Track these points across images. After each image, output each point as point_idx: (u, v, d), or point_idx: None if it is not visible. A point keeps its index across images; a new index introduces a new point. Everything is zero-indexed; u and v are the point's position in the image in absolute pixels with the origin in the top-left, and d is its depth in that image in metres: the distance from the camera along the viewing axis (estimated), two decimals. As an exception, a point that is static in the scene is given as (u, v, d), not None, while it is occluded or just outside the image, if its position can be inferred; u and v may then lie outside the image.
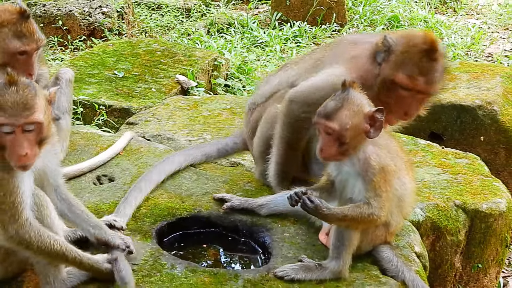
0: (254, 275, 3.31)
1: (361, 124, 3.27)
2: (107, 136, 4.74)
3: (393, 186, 3.33)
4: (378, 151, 3.32)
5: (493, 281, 4.82)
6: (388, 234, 3.47)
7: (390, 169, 3.32)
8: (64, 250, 3.07)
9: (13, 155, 2.92)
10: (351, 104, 3.27)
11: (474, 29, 11.51)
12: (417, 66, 3.73)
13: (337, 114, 3.24)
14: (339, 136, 3.24)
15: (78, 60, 7.94)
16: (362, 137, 3.29)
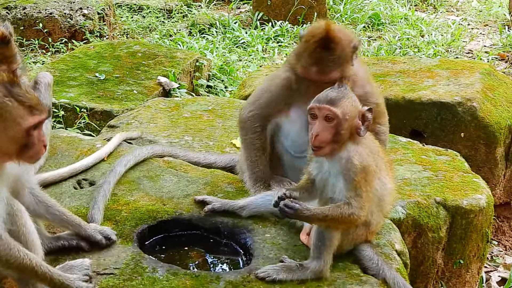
0: (236, 276, 3.31)
1: (355, 119, 3.31)
2: (88, 139, 4.72)
3: (373, 186, 3.35)
4: (361, 150, 3.34)
5: (475, 276, 4.86)
6: (368, 233, 3.49)
7: (372, 169, 3.34)
8: (34, 265, 3.04)
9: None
10: (350, 98, 3.32)
11: (454, 26, 11.58)
12: (310, 56, 3.82)
13: (340, 102, 3.27)
14: (339, 123, 3.26)
15: (59, 63, 7.91)
16: (352, 133, 3.32)
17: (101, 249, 3.48)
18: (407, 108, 5.94)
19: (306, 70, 3.86)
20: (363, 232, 3.47)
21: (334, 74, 3.81)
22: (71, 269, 3.26)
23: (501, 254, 6.09)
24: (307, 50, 3.85)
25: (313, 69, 3.83)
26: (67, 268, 3.27)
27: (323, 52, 3.80)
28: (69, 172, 4.19)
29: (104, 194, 3.88)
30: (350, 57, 3.90)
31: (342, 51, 3.83)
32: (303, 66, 3.87)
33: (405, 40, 10.65)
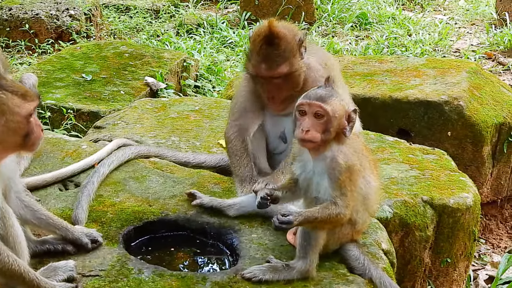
0: (222, 277, 3.30)
1: (342, 118, 3.32)
2: (73, 141, 4.69)
3: (358, 185, 3.35)
4: (345, 149, 3.33)
5: (462, 274, 4.87)
6: (354, 233, 3.48)
7: (356, 168, 3.34)
8: (22, 272, 3.02)
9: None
10: (338, 97, 3.34)
11: (442, 25, 11.62)
12: (258, 54, 3.93)
13: (330, 100, 3.28)
14: (328, 120, 3.26)
15: (45, 64, 7.87)
16: (338, 132, 3.32)
17: (88, 252, 3.46)
18: (394, 107, 5.95)
19: (256, 69, 3.97)
20: (349, 231, 3.46)
21: (282, 68, 3.92)
22: (55, 270, 3.24)
23: (488, 253, 6.11)
24: (254, 49, 3.96)
25: (262, 66, 3.94)
26: (51, 269, 3.25)
27: (269, 49, 3.90)
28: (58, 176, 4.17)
29: (88, 194, 3.86)
30: (297, 51, 3.99)
31: (287, 45, 3.93)
32: (253, 65, 3.99)
33: (392, 39, 10.67)
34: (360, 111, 4.65)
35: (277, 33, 3.90)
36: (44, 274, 3.22)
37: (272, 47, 3.89)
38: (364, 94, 6.04)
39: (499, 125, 5.97)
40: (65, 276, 3.24)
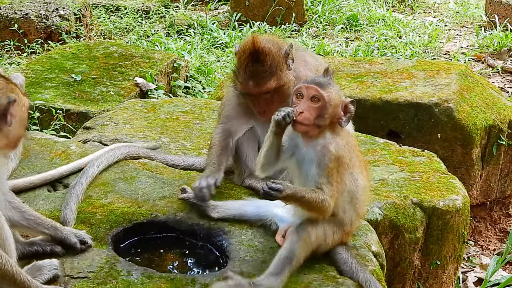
0: (211, 279, 3.28)
1: (338, 108, 3.34)
2: (62, 141, 4.66)
3: (343, 179, 3.34)
4: (338, 140, 3.35)
5: (451, 277, 4.88)
6: (344, 235, 3.47)
7: (345, 161, 3.34)
8: (14, 273, 2.99)
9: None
10: (336, 87, 3.37)
11: (432, 27, 11.65)
12: (245, 71, 3.92)
13: (328, 87, 3.32)
14: (323, 106, 3.28)
15: (34, 64, 7.83)
16: (333, 121, 3.34)
17: (76, 253, 3.44)
18: (384, 109, 5.95)
19: (244, 86, 3.97)
20: (339, 236, 3.44)
21: (270, 84, 3.93)
22: (40, 269, 3.23)
23: (477, 255, 6.12)
24: (241, 66, 3.95)
25: (249, 84, 3.93)
26: (35, 269, 3.24)
27: (255, 65, 3.89)
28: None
29: (77, 195, 3.84)
30: (284, 64, 3.98)
31: (273, 60, 3.92)
32: (241, 83, 3.98)
33: (382, 41, 10.69)
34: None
35: (261, 49, 3.88)
36: (29, 273, 3.19)
37: (258, 63, 3.88)
38: (354, 96, 6.03)
39: (488, 127, 5.99)
40: (50, 275, 3.24)
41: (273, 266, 3.25)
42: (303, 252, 3.30)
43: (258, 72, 3.89)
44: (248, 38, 3.99)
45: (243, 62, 3.93)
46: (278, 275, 3.22)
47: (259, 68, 3.88)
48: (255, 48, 3.88)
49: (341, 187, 3.35)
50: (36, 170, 4.22)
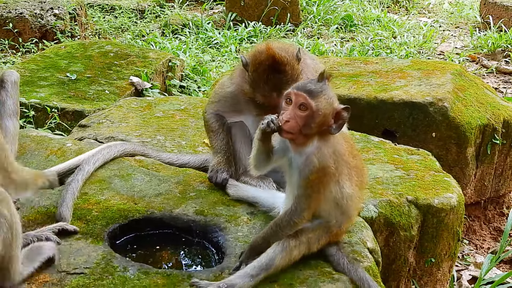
0: (208, 275, 3.29)
1: (329, 116, 3.26)
2: (58, 138, 4.66)
3: (328, 188, 3.31)
4: (324, 149, 3.28)
5: (446, 274, 4.89)
6: (332, 236, 3.44)
7: (330, 171, 3.28)
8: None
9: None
10: (328, 95, 3.27)
11: (426, 28, 11.70)
12: (266, 83, 3.88)
13: (318, 96, 3.22)
14: (311, 115, 3.21)
15: (29, 63, 7.83)
16: (323, 130, 3.28)
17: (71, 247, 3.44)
18: (379, 108, 5.97)
19: (266, 98, 3.92)
20: (326, 239, 3.42)
21: None
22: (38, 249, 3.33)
23: (472, 253, 6.15)
24: (260, 79, 3.91)
25: (273, 95, 3.88)
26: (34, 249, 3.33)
27: (276, 76, 3.85)
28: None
29: (73, 191, 3.84)
30: (299, 70, 3.97)
31: (292, 69, 3.90)
32: (262, 95, 3.94)
33: (377, 42, 10.73)
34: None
35: (281, 60, 3.85)
36: (29, 254, 3.28)
37: (280, 74, 3.84)
38: (350, 95, 6.06)
39: (483, 127, 6.01)
40: (49, 254, 3.31)
41: (251, 267, 3.24)
42: (283, 264, 3.29)
43: (281, 82, 3.83)
44: (261, 48, 3.95)
45: (262, 74, 3.88)
46: (253, 278, 3.21)
47: (281, 78, 3.84)
48: (275, 59, 3.85)
49: (325, 195, 3.32)
50: (32, 167, 4.20)
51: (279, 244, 3.31)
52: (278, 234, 3.33)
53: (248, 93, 4.03)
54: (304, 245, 3.35)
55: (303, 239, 3.35)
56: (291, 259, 3.32)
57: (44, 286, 3.16)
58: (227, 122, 4.30)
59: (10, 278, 3.13)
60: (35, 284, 3.18)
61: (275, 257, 3.27)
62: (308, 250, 3.38)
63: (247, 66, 3.98)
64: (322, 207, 3.37)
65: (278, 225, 3.34)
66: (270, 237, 3.34)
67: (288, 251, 3.30)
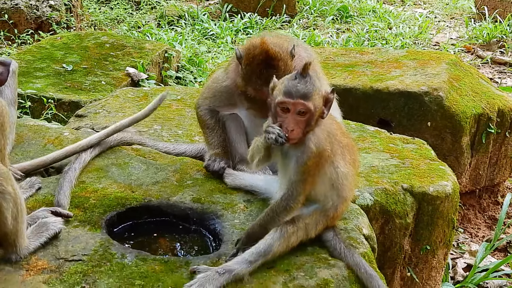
0: (205, 261, 3.31)
1: (321, 105, 3.33)
2: (55, 127, 4.68)
3: (323, 170, 3.35)
4: (319, 133, 3.34)
5: (441, 262, 4.93)
6: (329, 220, 3.47)
7: (326, 153, 3.33)
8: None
9: None
10: (316, 88, 3.31)
11: (422, 19, 11.72)
12: (258, 77, 3.90)
13: (312, 95, 3.27)
14: (311, 116, 3.27)
15: (25, 54, 7.83)
16: (317, 119, 3.33)
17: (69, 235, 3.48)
18: (375, 97, 5.99)
19: (258, 92, 3.94)
20: (323, 223, 3.45)
21: None
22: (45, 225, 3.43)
23: (466, 241, 6.19)
24: (253, 73, 3.93)
25: (264, 89, 3.85)
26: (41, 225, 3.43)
27: (269, 71, 3.85)
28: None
29: (70, 180, 3.86)
30: (292, 66, 3.97)
31: (285, 65, 3.92)
32: (254, 89, 3.96)
33: (373, 32, 10.74)
34: (341, 102, 4.75)
35: (274, 55, 3.87)
36: (36, 229, 3.39)
37: (272, 69, 3.85)
38: (345, 85, 6.09)
39: (478, 116, 6.05)
40: (56, 230, 3.42)
41: (249, 254, 3.26)
42: (281, 250, 3.32)
43: (272, 78, 3.81)
44: (255, 42, 3.95)
45: (255, 68, 3.90)
46: (251, 264, 3.23)
47: (273, 74, 3.78)
48: (269, 55, 3.86)
49: (320, 178, 3.36)
50: (29, 156, 4.23)
51: (277, 230, 3.34)
52: (275, 220, 3.36)
53: (241, 86, 4.04)
54: (301, 231, 3.38)
55: (301, 225, 3.38)
56: (289, 245, 3.35)
57: (43, 273, 3.18)
58: (221, 114, 4.31)
59: (17, 251, 3.25)
60: (33, 270, 3.20)
61: (273, 243, 3.30)
62: (306, 236, 3.41)
63: (241, 59, 4.00)
64: (318, 190, 3.40)
65: (274, 211, 3.37)
66: (266, 224, 3.38)
67: (286, 237, 3.33)
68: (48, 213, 3.56)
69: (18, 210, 3.19)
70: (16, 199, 3.17)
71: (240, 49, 4.03)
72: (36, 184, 3.88)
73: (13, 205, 3.15)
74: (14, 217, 3.17)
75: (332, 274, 3.27)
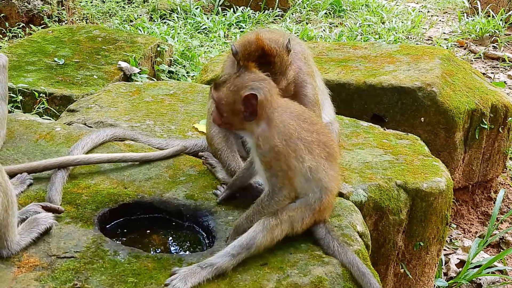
0: (198, 259, 3.29)
1: (236, 104, 3.32)
2: (47, 123, 4.64)
3: (292, 164, 3.32)
4: (267, 132, 3.31)
5: (434, 258, 4.93)
6: (316, 214, 3.43)
7: (279, 150, 3.29)
8: None
9: None
10: (233, 83, 3.34)
11: (414, 13, 11.71)
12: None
13: (220, 87, 3.36)
14: (217, 106, 3.38)
15: (16, 48, 7.77)
16: (240, 117, 3.34)
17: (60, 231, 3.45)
18: (368, 93, 5.98)
19: None
20: (310, 218, 3.41)
21: (281, 85, 3.87)
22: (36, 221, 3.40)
23: (459, 237, 6.20)
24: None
25: None
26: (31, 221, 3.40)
27: (265, 68, 3.77)
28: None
29: (62, 175, 3.83)
30: (288, 61, 3.95)
31: (281, 60, 3.90)
32: None
33: (366, 27, 10.72)
34: (334, 97, 4.74)
35: (270, 51, 3.85)
36: (27, 226, 3.36)
37: (268, 66, 3.83)
38: (339, 80, 6.07)
39: (471, 111, 6.04)
40: (47, 225, 3.38)
41: (231, 247, 3.24)
42: (265, 243, 3.30)
43: (269, 74, 3.75)
44: (251, 38, 3.92)
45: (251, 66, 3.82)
46: (234, 257, 3.21)
47: (269, 70, 3.79)
48: (265, 51, 3.84)
49: (293, 171, 3.33)
50: (21, 151, 4.20)
51: (259, 223, 3.32)
52: (261, 214, 3.36)
53: None
54: (286, 223, 3.35)
55: (284, 217, 3.35)
56: (273, 238, 3.32)
57: (34, 270, 3.15)
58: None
59: (8, 247, 3.21)
60: (25, 267, 3.17)
61: (256, 235, 3.28)
62: (291, 229, 3.38)
63: (236, 55, 3.97)
64: (297, 184, 3.37)
65: (260, 205, 3.38)
66: (253, 217, 3.37)
67: (269, 229, 3.30)
68: (39, 207, 3.53)
69: (8, 202, 3.15)
70: (6, 190, 3.13)
71: (235, 45, 3.99)
72: (27, 180, 3.84)
73: (4, 195, 3.11)
74: (5, 208, 3.13)
75: (326, 271, 3.25)
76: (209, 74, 6.51)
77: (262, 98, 3.29)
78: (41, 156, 4.16)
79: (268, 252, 3.32)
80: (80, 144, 4.17)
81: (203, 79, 6.49)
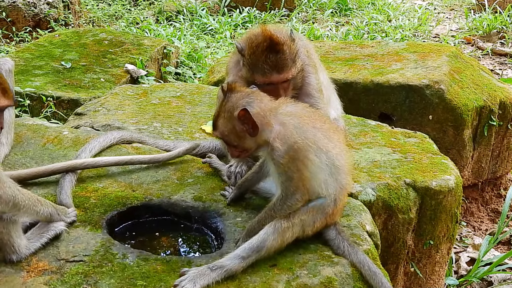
0: (207, 261, 3.28)
1: (236, 128, 3.33)
2: (54, 127, 4.64)
3: (308, 162, 3.30)
4: (281, 130, 3.31)
5: (444, 256, 4.90)
6: (329, 217, 3.43)
7: (299, 146, 3.28)
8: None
9: None
10: (225, 111, 3.36)
11: (421, 10, 11.67)
12: (265, 63, 3.95)
13: (217, 123, 3.39)
14: (226, 141, 3.40)
15: (23, 52, 7.79)
16: (247, 137, 3.34)
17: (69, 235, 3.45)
18: (376, 91, 5.96)
19: (267, 77, 3.96)
20: (322, 221, 3.40)
21: (292, 71, 4.00)
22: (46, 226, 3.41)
23: (469, 235, 6.17)
24: (259, 60, 3.96)
25: (273, 74, 3.95)
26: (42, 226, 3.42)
27: (275, 56, 3.93)
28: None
29: (70, 179, 3.83)
30: (295, 48, 4.04)
31: (289, 47, 4.00)
32: (262, 75, 3.96)
33: (372, 25, 10.69)
34: (341, 96, 4.73)
35: (278, 40, 3.94)
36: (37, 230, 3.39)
37: (279, 53, 3.93)
38: (346, 79, 6.05)
39: (479, 108, 6.01)
40: (57, 231, 3.41)
41: (242, 249, 3.24)
42: (275, 246, 3.29)
43: (280, 61, 3.94)
44: (256, 32, 4.01)
45: (261, 55, 3.94)
46: (244, 260, 3.20)
47: (280, 57, 3.93)
48: (273, 40, 3.92)
49: (309, 171, 3.31)
50: (28, 155, 4.21)
51: (271, 225, 3.31)
52: (274, 218, 3.34)
53: (247, 77, 4.03)
54: (297, 227, 3.34)
55: (296, 221, 3.34)
56: (283, 240, 3.31)
57: (44, 274, 3.16)
58: None
59: (16, 251, 3.22)
60: (34, 272, 3.17)
61: (267, 238, 3.27)
62: (302, 233, 3.37)
63: (242, 51, 4.01)
64: (314, 183, 3.34)
65: (272, 209, 3.37)
66: (265, 221, 3.36)
67: (280, 232, 3.29)
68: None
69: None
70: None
71: (240, 43, 4.05)
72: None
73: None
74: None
75: (336, 272, 3.24)
76: (216, 75, 6.50)
77: (254, 110, 3.30)
78: (49, 160, 4.17)
79: (277, 253, 3.31)
80: (88, 148, 4.17)
81: (210, 80, 6.48)
